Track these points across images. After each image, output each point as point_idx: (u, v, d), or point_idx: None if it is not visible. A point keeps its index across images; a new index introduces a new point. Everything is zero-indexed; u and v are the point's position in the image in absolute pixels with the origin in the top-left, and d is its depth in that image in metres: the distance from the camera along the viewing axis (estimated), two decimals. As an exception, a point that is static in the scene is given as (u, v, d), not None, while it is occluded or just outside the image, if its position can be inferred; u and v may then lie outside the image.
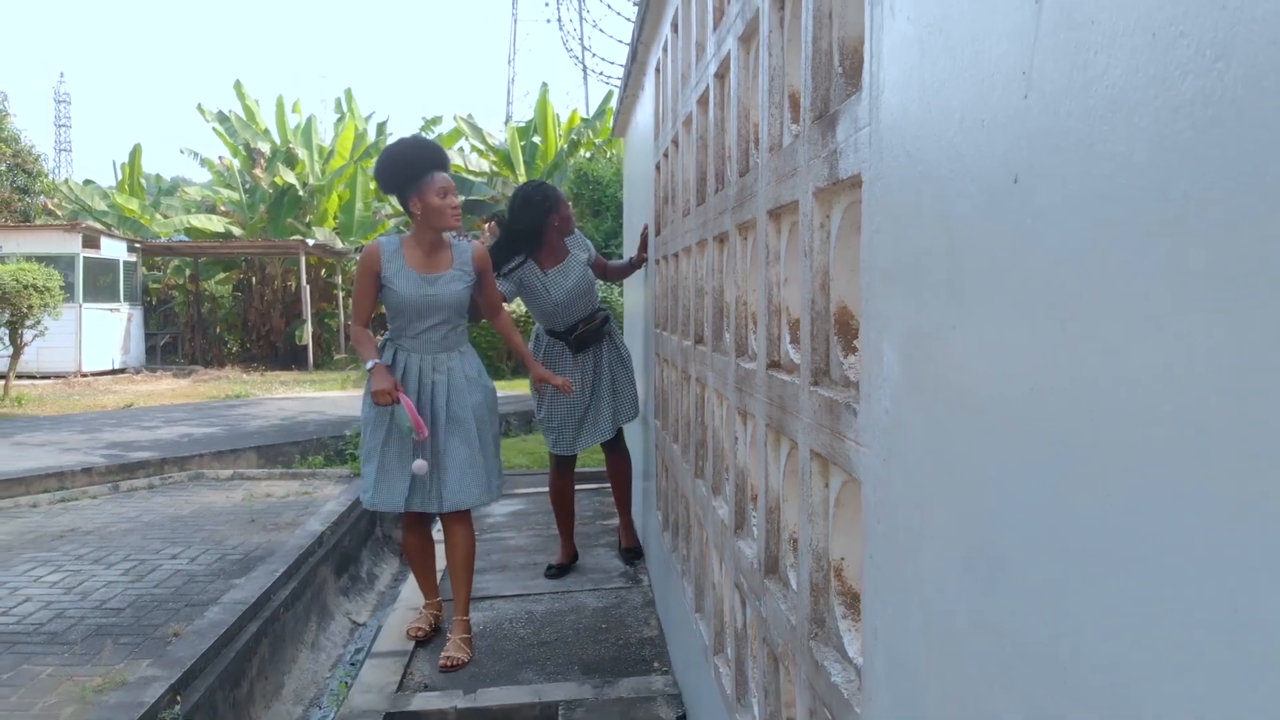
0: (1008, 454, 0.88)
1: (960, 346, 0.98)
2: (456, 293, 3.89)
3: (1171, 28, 0.64)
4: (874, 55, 1.22)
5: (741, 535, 2.22)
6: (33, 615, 4.44)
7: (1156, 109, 0.65)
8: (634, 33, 4.59)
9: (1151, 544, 0.65)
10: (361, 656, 4.81)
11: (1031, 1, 0.82)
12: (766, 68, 1.87)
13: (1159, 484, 0.64)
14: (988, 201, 0.91)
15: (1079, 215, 0.75)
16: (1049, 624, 0.80)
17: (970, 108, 0.94)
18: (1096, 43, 0.73)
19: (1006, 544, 0.88)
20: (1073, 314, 0.76)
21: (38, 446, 8.54)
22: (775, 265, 1.87)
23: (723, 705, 2.40)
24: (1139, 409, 0.66)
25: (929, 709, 1.07)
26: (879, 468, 1.23)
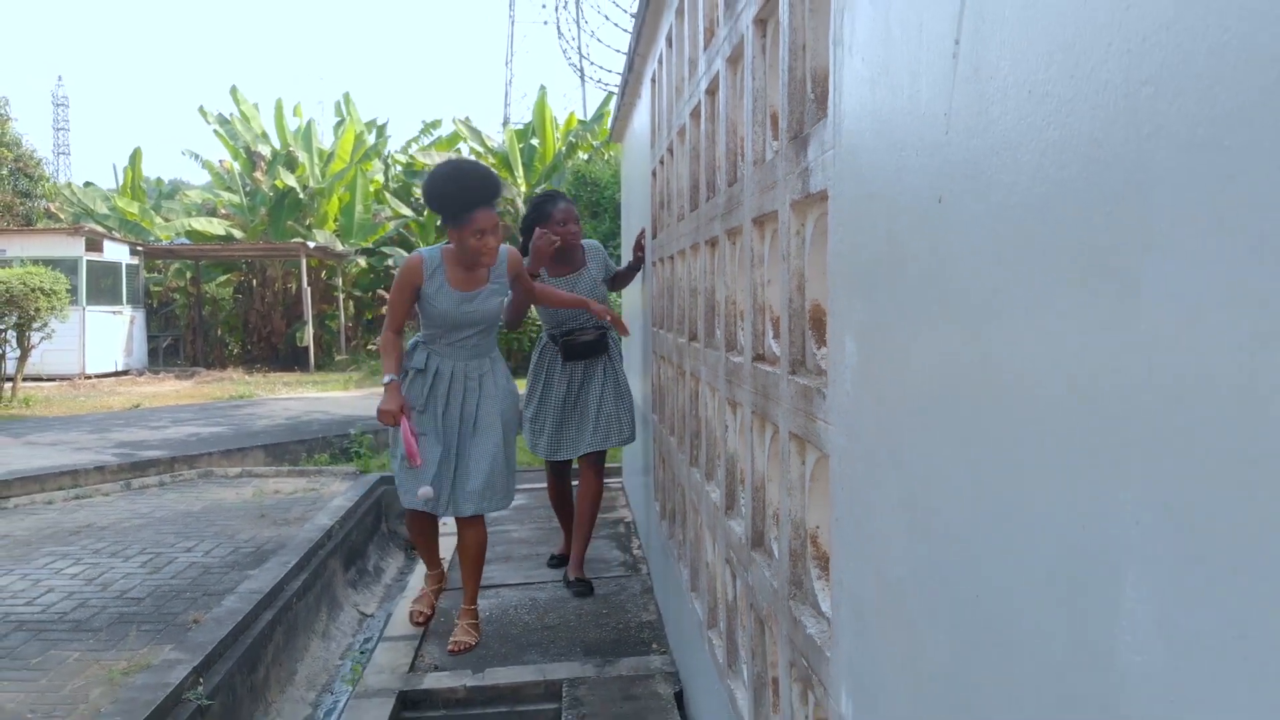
0: (936, 429, 1.07)
1: (900, 339, 1.17)
2: (493, 308, 4.00)
3: (1041, 87, 0.83)
4: (836, 88, 1.42)
5: (732, 515, 2.42)
6: (56, 605, 4.63)
7: (1031, 149, 0.85)
8: (631, 44, 4.79)
9: (1045, 502, 0.85)
10: (372, 644, 5.01)
11: (950, 56, 1.01)
12: (750, 89, 2.07)
13: (1050, 452, 0.84)
14: (920, 217, 1.10)
15: (985, 230, 0.95)
16: (966, 568, 0.99)
17: (908, 138, 1.14)
18: (994, 93, 0.92)
19: (935, 504, 1.08)
20: (983, 312, 0.96)
21: (49, 446, 8.74)
22: (759, 268, 2.06)
23: (716, 674, 2.60)
24: (1033, 388, 0.86)
25: (879, 644, 1.26)
26: (843, 443, 1.42)
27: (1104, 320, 0.73)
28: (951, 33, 1.01)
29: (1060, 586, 0.80)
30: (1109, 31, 0.72)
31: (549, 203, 4.74)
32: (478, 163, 4.17)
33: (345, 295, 21.81)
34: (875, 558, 1.28)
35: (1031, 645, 0.85)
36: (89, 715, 3.43)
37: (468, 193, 3.79)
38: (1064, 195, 0.80)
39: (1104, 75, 0.73)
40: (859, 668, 1.36)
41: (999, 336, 0.93)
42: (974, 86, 0.96)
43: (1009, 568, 0.90)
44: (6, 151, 25.50)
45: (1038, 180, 0.84)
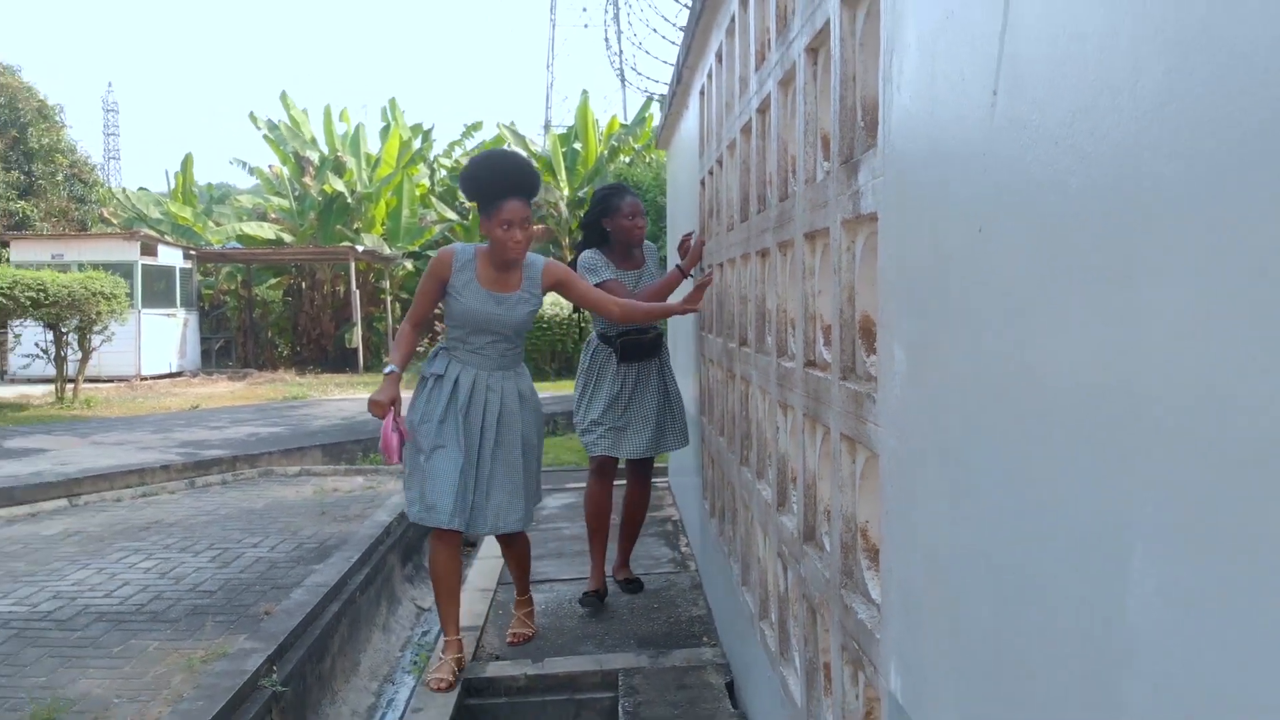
0: (977, 429, 1.22)
1: (946, 348, 1.32)
2: (521, 316, 3.80)
3: (1066, 140, 0.98)
4: (885, 121, 1.56)
5: (783, 511, 2.56)
6: (133, 597, 4.87)
7: (1058, 191, 0.99)
8: (679, 57, 4.94)
9: (1069, 490, 1.00)
10: (431, 636, 5.20)
11: (989, 106, 1.16)
12: (802, 112, 2.22)
13: (1072, 448, 0.99)
14: (962, 243, 1.25)
15: (1017, 258, 1.10)
16: (1006, 546, 1.14)
17: (951, 173, 1.29)
18: (1026, 140, 1.07)
19: (976, 495, 1.22)
20: (1015, 326, 1.10)
21: (115, 445, 9.05)
22: (811, 279, 2.21)
23: (768, 662, 2.75)
24: (1057, 392, 1.01)
25: (925, 624, 1.41)
26: (893, 444, 1.57)
27: (1113, 334, 0.88)
28: (990, 84, 1.15)
29: (1082, 562, 0.95)
30: (1123, 98, 0.86)
31: (616, 196, 4.64)
32: (516, 153, 4.08)
33: (392, 298, 22.15)
34: (922, 545, 1.43)
35: (1058, 612, 1.00)
36: (172, 700, 3.64)
37: (499, 181, 3.70)
38: (1082, 230, 0.94)
39: (1117, 137, 0.87)
40: (906, 646, 1.51)
41: (1029, 346, 1.07)
42: (1009, 134, 1.11)
43: (1040, 548, 1.05)
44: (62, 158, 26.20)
45: (1062, 217, 0.99)
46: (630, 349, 4.56)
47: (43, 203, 24.87)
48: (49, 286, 11.94)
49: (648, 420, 4.65)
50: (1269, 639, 0.67)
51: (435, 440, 3.72)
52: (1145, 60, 0.82)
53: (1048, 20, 1.02)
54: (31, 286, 11.70)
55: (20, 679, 3.87)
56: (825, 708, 2.11)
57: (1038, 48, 1.04)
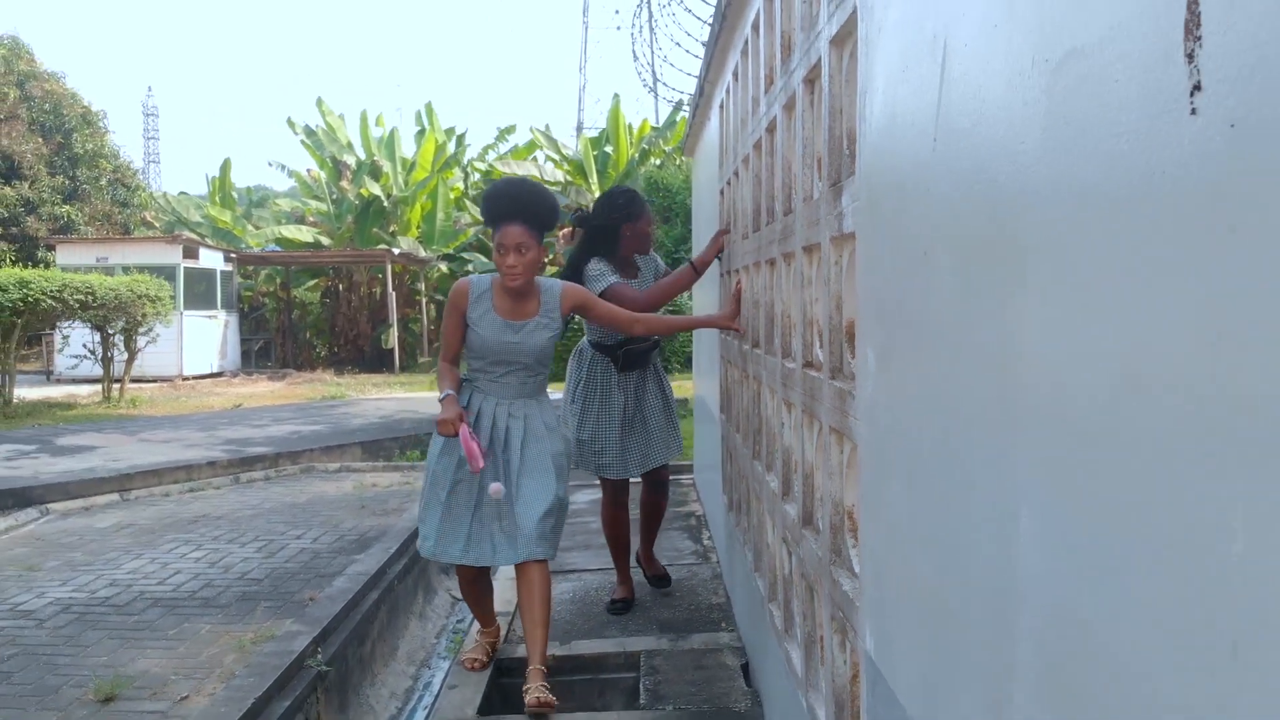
0: (923, 420, 1.45)
1: (901, 352, 1.55)
2: (539, 343, 3.75)
3: (978, 184, 1.20)
4: (860, 153, 1.79)
5: (788, 500, 2.79)
6: (185, 584, 5.17)
7: (984, 220, 1.22)
8: (701, 72, 5.18)
9: (979, 466, 1.23)
10: (465, 625, 5.46)
11: (931, 150, 1.39)
12: (801, 136, 2.45)
13: (980, 432, 1.21)
14: (912, 262, 1.48)
15: (951, 276, 1.32)
16: (940, 517, 1.37)
17: (906, 204, 1.52)
18: (959, 179, 1.30)
19: (922, 476, 1.45)
20: (948, 340, 1.33)
21: (162, 443, 9.41)
22: (809, 288, 2.44)
23: (775, 639, 2.98)
24: (974, 389, 1.23)
25: (891, 587, 1.64)
26: (866, 434, 1.80)
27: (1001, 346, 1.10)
28: (932, 131, 1.38)
29: (986, 525, 1.18)
30: (1013, 153, 1.09)
31: (641, 203, 4.55)
32: (527, 180, 4.02)
33: (427, 299, 22.54)
34: (887, 521, 1.66)
35: (972, 567, 1.23)
36: (226, 677, 3.91)
37: (499, 205, 3.70)
38: (990, 256, 1.17)
39: (1009, 185, 1.10)
40: (877, 611, 1.73)
41: (955, 354, 1.30)
42: (944, 174, 1.34)
43: (961, 517, 1.27)
44: (106, 163, 26.87)
45: (988, 242, 1.22)
46: (632, 358, 4.47)
47: (86, 207, 25.52)
48: (97, 289, 12.35)
49: (658, 428, 4.57)
50: (1118, 575, 0.90)
51: (455, 475, 3.71)
52: (1025, 127, 1.05)
53: (966, 81, 1.24)
54: (80, 289, 12.11)
55: (84, 658, 4.16)
56: (821, 676, 2.34)
57: (962, 104, 1.26)
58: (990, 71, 1.17)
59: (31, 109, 24.99)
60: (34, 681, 3.92)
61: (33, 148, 24.22)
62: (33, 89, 25.22)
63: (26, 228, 23.63)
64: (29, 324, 12.02)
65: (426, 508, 3.82)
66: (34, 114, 24.95)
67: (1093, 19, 0.90)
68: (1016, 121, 1.08)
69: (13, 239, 23.65)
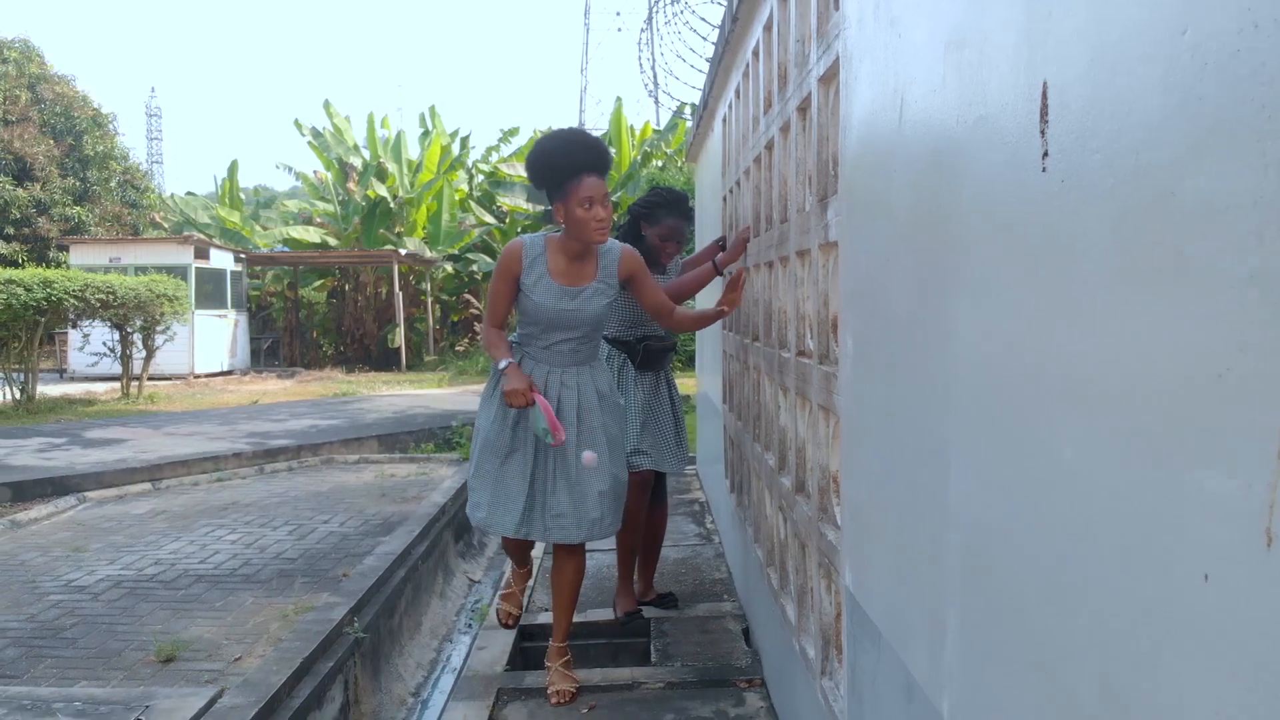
0: (887, 391, 1.83)
1: (873, 338, 1.94)
2: (596, 310, 3.52)
3: (916, 214, 1.59)
4: (841, 176, 2.18)
5: (783, 473, 3.18)
6: (226, 563, 5.55)
7: (923, 239, 1.61)
8: (706, 86, 5.57)
9: (923, 426, 1.62)
10: (484, 605, 5.85)
11: (891, 171, 1.78)
12: (795, 156, 2.84)
13: (919, 401, 1.60)
14: (879, 267, 1.87)
15: (907, 278, 1.71)
16: (900, 469, 1.75)
17: (874, 221, 1.91)
18: (906, 210, 1.68)
19: (888, 437, 1.83)
20: (904, 328, 1.72)
21: (187, 436, 9.81)
22: (801, 287, 2.83)
23: (772, 598, 3.36)
24: (920, 368, 1.62)
25: (866, 530, 2.03)
26: (847, 408, 2.19)
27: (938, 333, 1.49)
28: (892, 164, 1.77)
29: (925, 472, 1.57)
30: (947, 192, 1.48)
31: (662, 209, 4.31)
32: (585, 130, 3.79)
33: (433, 299, 22.94)
34: (863, 476, 2.05)
35: (917, 506, 1.62)
36: (273, 641, 4.30)
37: (575, 157, 3.39)
38: (943, 262, 1.56)
39: (950, 211, 1.49)
40: (855, 552, 2.12)
41: (907, 340, 1.69)
42: (902, 198, 1.73)
43: (914, 469, 1.66)
44: (115, 165, 27.25)
45: (931, 254, 1.60)
46: (651, 356, 4.34)
47: (97, 208, 25.91)
48: (118, 289, 12.75)
49: (674, 430, 4.45)
50: (1016, 496, 1.29)
51: (510, 445, 3.53)
52: (955, 168, 1.44)
53: (915, 128, 1.63)
54: (101, 289, 12.50)
55: (140, 626, 4.55)
56: (811, 620, 2.73)
57: (914, 145, 1.65)
58: (931, 124, 1.56)
59: (43, 111, 25.39)
60: (98, 646, 4.30)
61: (44, 150, 24.61)
62: (44, 91, 25.62)
63: (38, 228, 24.03)
64: (50, 323, 12.41)
65: (478, 476, 3.61)
66: (45, 116, 25.35)
67: (990, 97, 1.29)
68: (949, 163, 1.47)
69: (25, 239, 24.05)
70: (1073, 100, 1.07)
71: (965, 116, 1.39)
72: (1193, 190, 0.83)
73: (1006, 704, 1.27)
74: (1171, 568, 0.87)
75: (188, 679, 3.89)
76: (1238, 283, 0.76)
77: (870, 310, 1.96)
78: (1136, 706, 0.94)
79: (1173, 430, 0.87)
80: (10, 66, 25.26)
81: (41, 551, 5.92)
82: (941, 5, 1.49)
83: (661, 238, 4.29)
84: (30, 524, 6.70)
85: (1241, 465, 0.76)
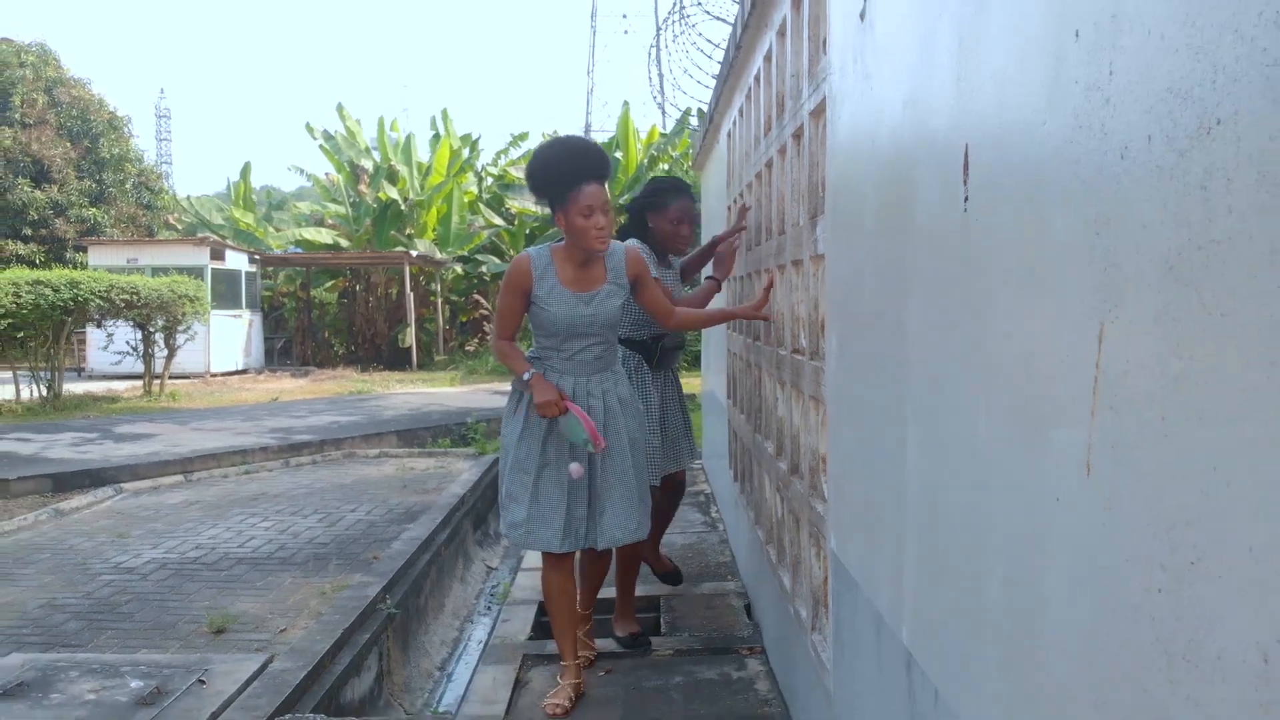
0: (859, 381, 2.21)
1: (850, 337, 2.32)
2: (611, 311, 3.52)
3: (879, 237, 1.97)
4: (828, 198, 2.56)
5: (780, 458, 3.56)
6: (262, 547, 5.94)
7: (888, 254, 1.99)
8: (711, 102, 5.95)
9: (882, 405, 2.00)
10: (501, 591, 6.24)
11: (862, 198, 2.16)
12: (790, 176, 3.22)
13: (878, 387, 1.98)
14: (856, 277, 2.25)
15: (880, 289, 2.09)
16: (871, 443, 2.13)
17: (853, 239, 2.29)
18: (875, 233, 2.07)
19: (858, 419, 2.21)
20: (874, 331, 2.09)
21: (213, 431, 10.21)
22: (795, 292, 3.21)
23: (770, 571, 3.74)
24: (885, 360, 2.00)
25: (846, 499, 2.41)
26: (831, 397, 2.56)
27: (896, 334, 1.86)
28: (863, 191, 2.15)
29: (892, 444, 1.95)
30: (903, 218, 1.85)
31: (667, 194, 4.27)
32: (585, 137, 3.70)
33: (443, 300, 23.36)
34: (845, 456, 2.43)
35: (885, 470, 2.00)
36: (314, 615, 4.69)
37: (575, 165, 3.40)
38: (898, 275, 1.94)
39: (905, 234, 1.87)
40: (837, 518, 2.50)
41: (876, 339, 2.06)
42: (869, 221, 2.11)
43: (879, 440, 2.04)
44: (131, 167, 27.67)
45: (889, 269, 1.98)
46: (668, 354, 4.38)
47: (113, 209, 26.32)
48: (141, 290, 13.16)
49: (679, 432, 4.43)
50: (959, 469, 1.67)
51: (541, 459, 3.51)
52: (907, 203, 1.82)
53: (883, 165, 2.01)
54: (126, 289, 12.90)
55: (189, 603, 4.93)
56: (803, 585, 3.11)
57: (881, 178, 2.03)
58: (893, 163, 1.94)
59: (60, 114, 25.82)
60: (152, 619, 4.69)
61: (61, 152, 25.04)
62: (60, 95, 26.06)
63: (55, 230, 24.46)
64: (75, 322, 12.82)
65: (512, 496, 3.58)
66: (62, 119, 25.78)
67: (935, 148, 1.67)
68: (905, 196, 1.85)
69: (42, 240, 24.49)
70: (984, 160, 1.45)
71: (916, 160, 1.77)
72: (1055, 228, 1.21)
73: (950, 622, 1.65)
74: (1040, 495, 1.24)
75: (239, 647, 4.28)
76: (1079, 293, 1.14)
77: (849, 313, 2.34)
78: (1024, 591, 1.32)
79: (1039, 400, 1.25)
80: (28, 70, 25.70)
81: (87, 537, 6.31)
82: (902, 68, 1.87)
83: (674, 221, 4.22)
84: (73, 512, 7.10)
85: (1074, 423, 1.14)
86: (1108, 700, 1.06)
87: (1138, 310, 1.00)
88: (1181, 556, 0.91)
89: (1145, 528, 0.98)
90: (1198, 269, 0.88)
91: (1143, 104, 0.98)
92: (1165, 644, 0.94)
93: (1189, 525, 0.90)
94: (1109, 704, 1.06)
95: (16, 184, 23.96)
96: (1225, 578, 0.85)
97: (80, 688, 3.79)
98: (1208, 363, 0.87)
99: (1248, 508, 0.81)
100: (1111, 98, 1.05)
